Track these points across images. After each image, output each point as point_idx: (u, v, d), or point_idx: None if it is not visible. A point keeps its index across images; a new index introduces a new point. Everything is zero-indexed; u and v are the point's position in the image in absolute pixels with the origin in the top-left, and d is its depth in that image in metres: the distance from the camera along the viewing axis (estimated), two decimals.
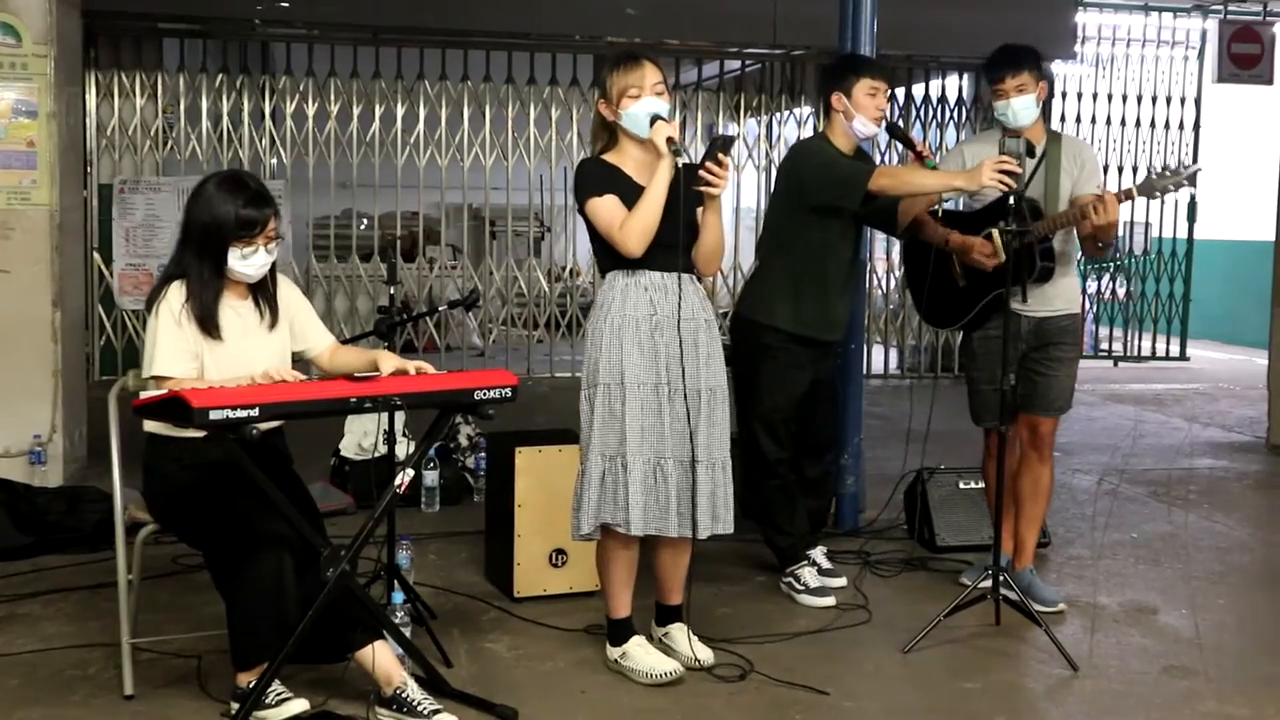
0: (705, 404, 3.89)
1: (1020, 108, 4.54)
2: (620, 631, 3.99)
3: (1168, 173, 4.42)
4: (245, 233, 3.58)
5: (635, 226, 3.77)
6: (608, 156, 3.92)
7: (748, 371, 4.82)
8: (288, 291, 3.85)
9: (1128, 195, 4.39)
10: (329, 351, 3.88)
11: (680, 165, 3.74)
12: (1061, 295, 4.65)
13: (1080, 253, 4.80)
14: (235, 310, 3.67)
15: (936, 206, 4.65)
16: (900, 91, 10.74)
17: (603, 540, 3.93)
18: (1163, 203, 11.95)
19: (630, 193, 3.82)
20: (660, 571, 4.07)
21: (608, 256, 3.89)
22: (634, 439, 3.79)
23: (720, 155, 3.73)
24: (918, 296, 4.79)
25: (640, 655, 3.93)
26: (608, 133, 3.94)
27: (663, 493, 3.83)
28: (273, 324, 3.75)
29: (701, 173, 3.74)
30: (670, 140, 3.73)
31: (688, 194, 3.77)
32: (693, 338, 3.87)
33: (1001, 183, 4.16)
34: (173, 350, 3.56)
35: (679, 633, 4.08)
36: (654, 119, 3.77)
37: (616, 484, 3.81)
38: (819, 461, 5.06)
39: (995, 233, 4.48)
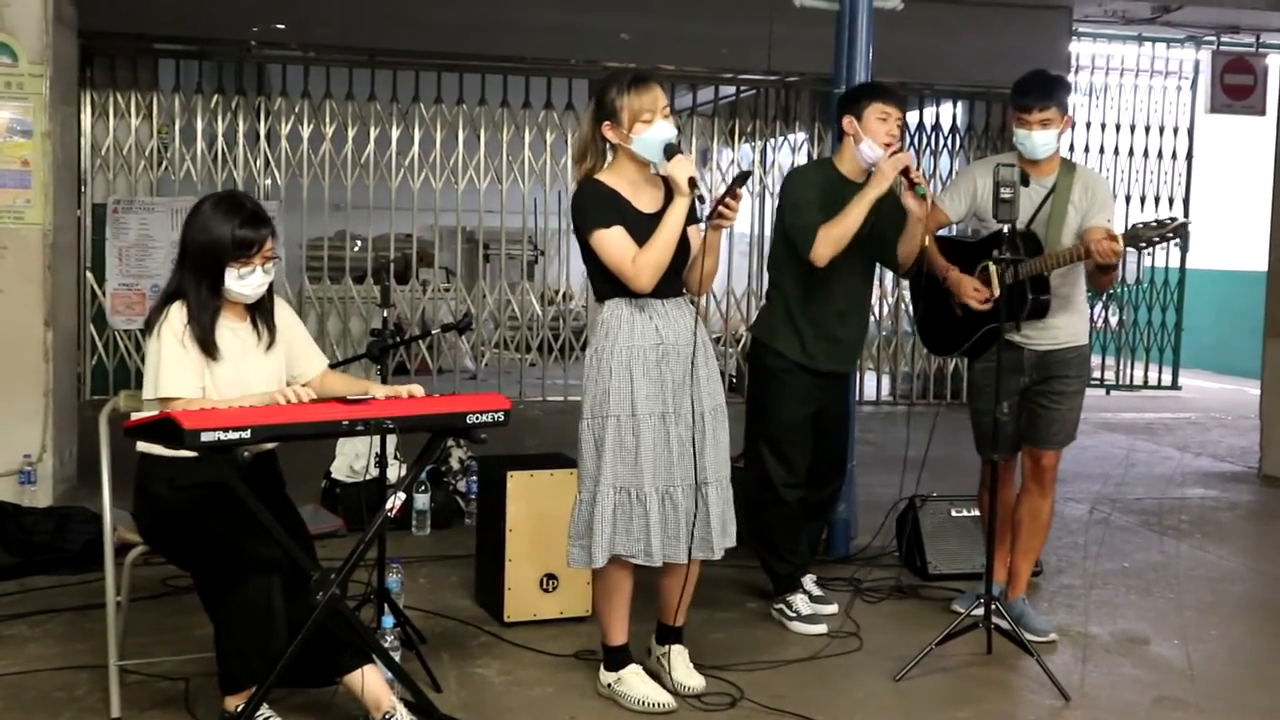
0: (709, 425, 3.88)
1: (1041, 142, 4.46)
2: (617, 658, 3.96)
3: (1154, 224, 4.32)
4: (242, 252, 3.57)
5: (649, 263, 3.74)
6: (602, 177, 3.85)
7: (757, 393, 4.82)
8: (284, 314, 3.84)
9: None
10: (319, 378, 3.85)
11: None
12: (1066, 328, 4.56)
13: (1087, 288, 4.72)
14: (233, 331, 3.66)
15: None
16: None
17: (604, 568, 3.88)
18: None
19: (632, 219, 3.79)
20: (664, 594, 4.04)
21: (610, 284, 3.84)
22: (648, 470, 3.77)
23: (736, 189, 3.74)
24: (923, 324, 4.86)
25: (635, 683, 3.91)
26: (598, 151, 3.88)
27: (672, 520, 3.81)
28: (270, 345, 3.74)
29: (720, 208, 3.74)
30: (693, 181, 3.72)
31: (689, 223, 3.79)
32: (692, 361, 3.87)
33: (904, 176, 4.32)
34: (179, 370, 3.52)
35: (677, 656, 4.05)
36: (671, 150, 3.75)
37: (631, 516, 3.78)
38: (823, 489, 5.02)
39: (990, 265, 4.46)
